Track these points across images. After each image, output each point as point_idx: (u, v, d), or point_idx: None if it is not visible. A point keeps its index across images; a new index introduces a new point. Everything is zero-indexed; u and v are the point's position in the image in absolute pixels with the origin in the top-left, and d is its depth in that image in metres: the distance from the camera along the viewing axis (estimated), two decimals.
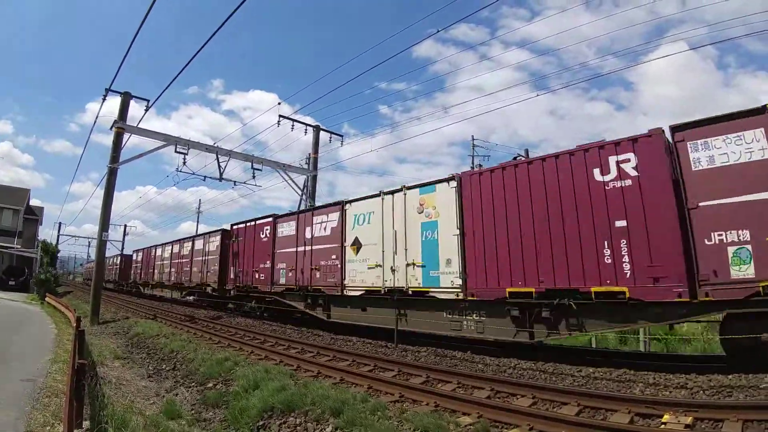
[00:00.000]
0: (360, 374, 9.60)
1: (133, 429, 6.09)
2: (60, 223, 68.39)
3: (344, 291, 15.74)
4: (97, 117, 23.33)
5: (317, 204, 23.60)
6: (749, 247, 8.21)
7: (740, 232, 8.38)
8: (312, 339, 15.34)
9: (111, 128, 21.71)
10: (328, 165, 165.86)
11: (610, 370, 9.36)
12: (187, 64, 13.52)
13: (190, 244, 29.94)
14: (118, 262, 51.87)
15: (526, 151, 12.45)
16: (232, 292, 23.85)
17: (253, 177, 25.47)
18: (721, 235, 8.55)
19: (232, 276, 23.81)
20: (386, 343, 13.95)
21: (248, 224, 22.95)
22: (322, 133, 27.67)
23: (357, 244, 15.55)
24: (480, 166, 34.29)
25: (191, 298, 31.18)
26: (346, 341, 14.84)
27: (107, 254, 39.83)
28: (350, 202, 16.23)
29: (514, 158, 12.14)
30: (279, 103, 26.26)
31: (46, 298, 29.96)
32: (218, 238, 25.84)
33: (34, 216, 52.64)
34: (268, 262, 20.50)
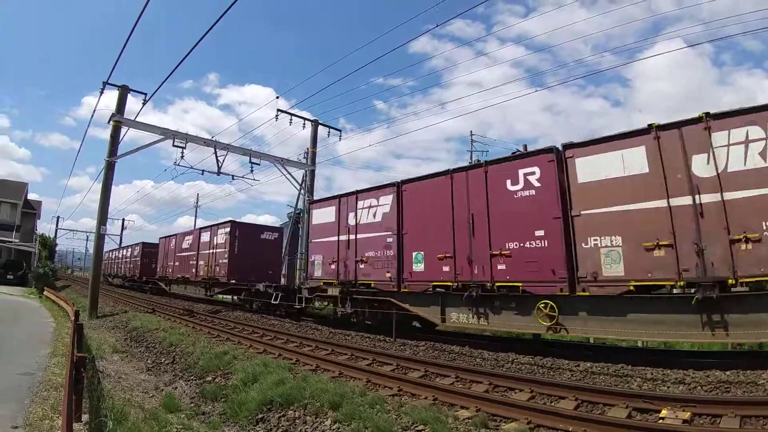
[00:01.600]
0: (358, 368, 9.63)
1: (133, 422, 6.10)
2: (58, 217, 68.33)
3: None
4: (94, 110, 23.47)
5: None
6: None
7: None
8: (311, 333, 15.36)
9: (108, 122, 21.64)
10: (326, 160, 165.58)
11: (608, 365, 9.41)
12: (184, 57, 13.46)
13: None
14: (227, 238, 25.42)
15: (525, 147, 12.37)
16: None
17: (251, 171, 25.44)
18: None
19: None
20: (384, 337, 13.99)
21: None
22: (320, 127, 27.61)
23: None
24: (478, 160, 34.33)
25: None
26: (345, 335, 14.87)
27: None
28: None
29: (513, 153, 12.08)
30: (277, 97, 26.25)
31: (45, 292, 29.91)
32: None
33: (32, 210, 52.58)
34: None
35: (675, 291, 9.37)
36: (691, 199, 9.01)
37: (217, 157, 24.06)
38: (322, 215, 17.96)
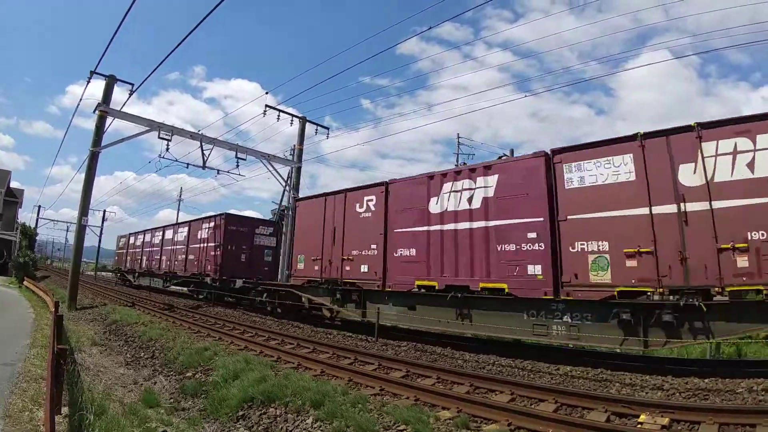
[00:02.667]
0: (340, 367, 9.62)
1: (112, 416, 6.05)
2: (39, 207, 67.27)
3: None
4: (80, 99, 22.93)
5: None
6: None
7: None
8: (292, 331, 15.32)
9: (94, 111, 21.40)
10: (311, 157, 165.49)
11: (587, 370, 9.51)
12: (173, 50, 13.34)
13: None
14: None
15: (511, 152, 12.50)
16: None
17: (237, 166, 25.28)
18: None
19: None
20: (366, 336, 14.00)
21: None
22: (307, 125, 27.55)
23: None
24: (464, 163, 34.56)
25: None
26: (327, 334, 14.85)
27: None
28: None
29: (499, 158, 12.18)
30: (266, 93, 26.03)
31: (24, 282, 29.57)
32: None
33: (14, 198, 51.92)
34: None
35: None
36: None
37: (203, 150, 23.89)
38: None
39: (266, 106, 25.85)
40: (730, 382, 7.99)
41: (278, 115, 26.24)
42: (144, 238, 36.33)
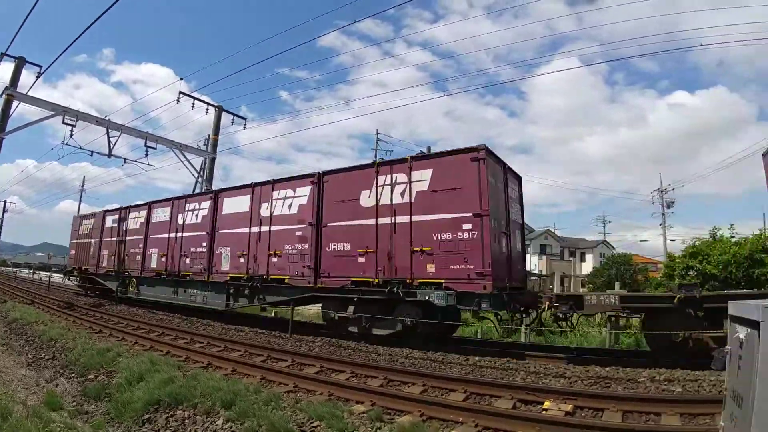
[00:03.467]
0: (253, 365, 9.47)
1: (17, 419, 5.73)
2: None
3: None
4: None
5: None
6: None
7: None
8: (202, 329, 14.91)
9: (1, 95, 20.13)
10: (226, 148, 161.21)
11: (495, 359, 9.83)
12: (85, 30, 12.74)
13: None
14: None
15: (428, 149, 12.67)
16: None
17: (146, 155, 24.26)
18: None
19: None
20: (280, 333, 13.84)
21: None
22: (223, 114, 26.84)
23: None
24: (382, 159, 34.46)
25: None
26: (239, 332, 14.55)
27: None
28: None
29: (418, 154, 12.30)
30: (181, 79, 25.20)
31: None
32: None
33: None
34: None
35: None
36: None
37: (109, 137, 22.79)
38: None
39: (180, 93, 25.06)
40: (631, 371, 8.40)
41: (193, 103, 25.49)
42: (154, 216, 20.24)
